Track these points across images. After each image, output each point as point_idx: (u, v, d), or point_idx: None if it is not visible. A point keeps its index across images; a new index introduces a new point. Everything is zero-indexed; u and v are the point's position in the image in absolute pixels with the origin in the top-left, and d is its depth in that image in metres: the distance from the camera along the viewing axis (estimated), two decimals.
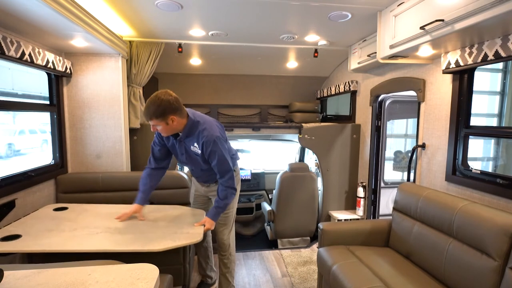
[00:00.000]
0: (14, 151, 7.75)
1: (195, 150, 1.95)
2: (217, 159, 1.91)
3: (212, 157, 1.91)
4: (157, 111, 1.73)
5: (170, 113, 1.77)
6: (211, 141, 1.87)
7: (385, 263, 2.02)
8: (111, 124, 2.88)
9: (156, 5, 2.19)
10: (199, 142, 1.91)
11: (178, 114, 1.81)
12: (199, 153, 1.95)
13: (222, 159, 1.93)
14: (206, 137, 1.87)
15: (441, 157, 2.26)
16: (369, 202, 3.28)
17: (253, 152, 5.42)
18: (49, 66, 2.37)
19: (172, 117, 1.78)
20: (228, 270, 2.33)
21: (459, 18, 1.56)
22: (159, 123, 1.78)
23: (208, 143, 1.87)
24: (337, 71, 4.12)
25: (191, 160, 2.04)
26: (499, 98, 3.80)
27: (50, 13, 1.75)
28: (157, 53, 3.10)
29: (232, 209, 2.28)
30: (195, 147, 1.95)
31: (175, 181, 2.86)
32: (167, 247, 1.61)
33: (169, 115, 1.77)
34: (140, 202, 2.02)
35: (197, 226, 1.88)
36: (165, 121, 1.78)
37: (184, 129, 1.90)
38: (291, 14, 2.38)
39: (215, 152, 1.89)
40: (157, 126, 1.81)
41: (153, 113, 1.74)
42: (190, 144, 1.96)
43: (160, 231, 1.77)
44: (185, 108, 1.90)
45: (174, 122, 1.81)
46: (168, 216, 2.03)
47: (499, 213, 1.58)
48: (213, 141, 1.87)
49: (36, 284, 0.95)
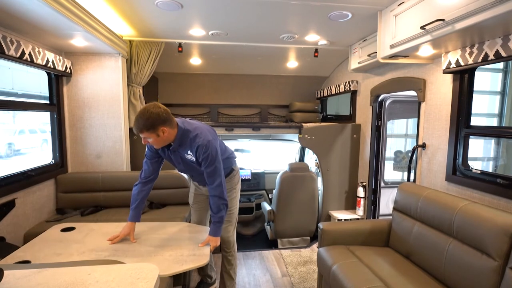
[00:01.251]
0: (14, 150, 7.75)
1: (190, 158, 1.96)
2: (208, 163, 1.90)
3: (204, 161, 1.91)
4: (147, 123, 1.74)
5: (160, 125, 1.77)
6: (203, 145, 1.88)
7: (385, 263, 2.02)
8: (111, 123, 2.88)
9: (156, 5, 2.19)
10: (192, 149, 1.92)
11: (168, 125, 1.82)
12: (194, 160, 1.95)
13: (213, 165, 1.92)
14: (199, 143, 1.88)
15: (441, 157, 2.26)
16: (369, 202, 3.28)
17: (253, 152, 5.42)
18: (49, 66, 2.36)
19: (162, 129, 1.79)
20: (232, 267, 2.34)
21: (460, 18, 1.56)
22: (150, 135, 1.78)
23: (201, 147, 1.88)
24: (337, 71, 4.11)
25: (189, 167, 2.05)
26: (500, 98, 3.80)
27: (50, 12, 1.75)
28: (157, 52, 3.10)
29: (236, 205, 2.31)
30: (189, 155, 1.95)
31: (175, 181, 2.87)
32: (175, 271, 1.60)
33: (159, 127, 1.77)
34: (132, 219, 2.01)
35: (202, 247, 1.86)
36: (155, 133, 1.78)
37: (175, 139, 1.90)
38: (292, 14, 2.37)
39: (207, 156, 1.89)
40: (148, 139, 1.81)
41: (143, 126, 1.75)
42: (184, 153, 1.97)
43: (167, 254, 1.75)
44: (174, 119, 1.90)
45: (165, 133, 1.81)
46: (171, 236, 2.01)
47: (499, 213, 1.57)
48: (205, 145, 1.88)
49: (36, 284, 0.95)
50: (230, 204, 2.24)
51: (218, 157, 1.94)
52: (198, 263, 1.70)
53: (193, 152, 1.92)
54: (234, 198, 2.29)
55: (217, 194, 1.96)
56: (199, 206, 2.38)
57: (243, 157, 5.05)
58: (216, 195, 1.96)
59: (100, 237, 1.93)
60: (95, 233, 1.98)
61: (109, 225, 2.14)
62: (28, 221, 2.28)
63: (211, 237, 1.93)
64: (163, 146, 1.92)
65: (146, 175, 2.07)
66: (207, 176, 1.95)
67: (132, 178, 2.81)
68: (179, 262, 1.67)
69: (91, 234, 1.96)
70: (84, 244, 1.84)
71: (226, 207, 2.00)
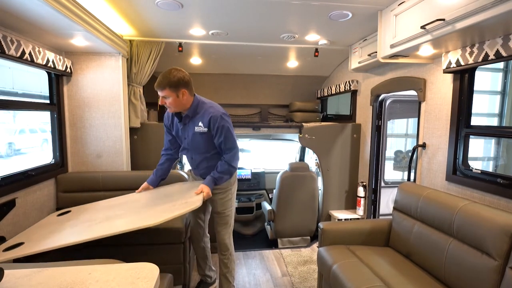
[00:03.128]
0: (15, 150, 7.75)
1: (200, 130, 2.02)
2: (224, 135, 1.98)
3: (219, 132, 1.97)
4: (171, 81, 1.87)
5: (182, 87, 1.90)
6: (218, 116, 1.96)
7: (385, 263, 2.02)
8: (111, 123, 2.88)
9: (157, 4, 2.19)
10: (204, 120, 1.99)
11: (189, 89, 1.95)
12: (205, 131, 2.00)
13: (229, 135, 2.00)
14: (213, 113, 1.97)
15: (441, 157, 2.26)
16: (369, 202, 3.28)
17: (254, 152, 5.42)
18: (49, 65, 2.36)
19: (183, 91, 1.91)
20: (228, 270, 2.32)
21: (460, 17, 1.56)
22: (170, 94, 1.89)
23: (215, 118, 1.96)
24: (338, 71, 4.11)
25: (194, 144, 2.09)
26: (500, 98, 3.80)
27: (50, 12, 1.74)
28: (158, 52, 3.10)
29: (230, 207, 2.28)
30: (199, 126, 2.01)
31: (174, 180, 2.86)
32: (165, 218, 1.58)
33: (181, 88, 1.90)
34: (148, 181, 2.27)
35: (195, 195, 1.94)
36: (176, 93, 1.89)
37: (191, 107, 2.01)
38: (292, 14, 2.37)
39: (222, 127, 1.96)
40: (167, 99, 1.91)
41: (167, 83, 1.87)
42: (194, 125, 2.03)
43: (159, 208, 1.77)
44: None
45: (184, 96, 1.93)
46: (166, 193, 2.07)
47: (500, 213, 1.57)
48: (220, 116, 1.97)
49: (37, 283, 0.95)
50: (224, 206, 2.23)
51: (231, 129, 2.02)
52: (189, 207, 1.73)
53: (205, 123, 2.00)
54: (229, 200, 2.25)
55: (230, 163, 2.04)
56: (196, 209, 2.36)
57: (243, 156, 5.05)
58: (229, 164, 2.05)
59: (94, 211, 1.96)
60: (89, 210, 2.02)
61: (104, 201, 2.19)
62: (28, 220, 2.28)
63: (204, 185, 2.00)
64: (177, 111, 2.02)
65: (165, 147, 2.31)
66: (223, 149, 2.04)
67: (132, 178, 2.82)
68: (170, 210, 1.69)
69: (85, 212, 2.00)
70: (77, 219, 1.86)
71: (231, 173, 2.10)
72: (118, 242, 2.32)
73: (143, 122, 3.19)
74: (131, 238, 2.31)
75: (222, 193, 2.21)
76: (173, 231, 2.35)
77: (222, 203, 2.23)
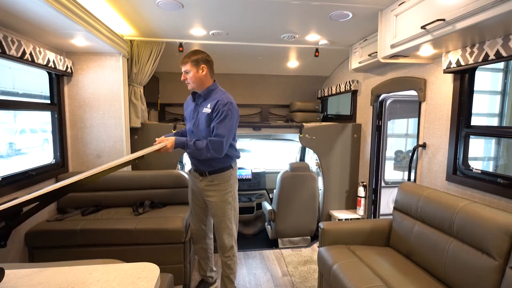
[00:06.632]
0: (15, 150, 7.76)
1: (206, 111, 2.06)
2: (221, 119, 1.99)
3: (218, 115, 2.00)
4: (195, 56, 2.02)
5: (204, 63, 2.05)
6: (225, 102, 2.01)
7: (385, 263, 2.02)
8: (111, 123, 2.88)
9: (157, 4, 2.19)
10: (212, 103, 2.04)
11: (209, 68, 2.09)
12: (208, 113, 2.04)
13: (226, 122, 2.00)
14: (222, 99, 2.03)
15: (441, 157, 2.26)
16: (370, 202, 3.28)
17: (254, 152, 5.42)
18: (49, 65, 2.37)
19: (203, 66, 2.05)
20: (231, 271, 2.28)
21: (460, 17, 1.56)
22: (192, 68, 2.02)
23: (222, 102, 2.01)
24: (338, 71, 4.11)
25: (198, 126, 2.12)
26: (500, 98, 3.79)
27: (51, 12, 1.75)
28: (158, 52, 3.10)
29: (231, 211, 2.21)
30: (207, 108, 2.06)
31: (175, 180, 2.87)
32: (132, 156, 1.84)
33: (202, 64, 2.04)
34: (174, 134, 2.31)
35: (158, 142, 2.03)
36: (196, 68, 2.03)
37: (207, 88, 2.10)
38: (292, 14, 2.37)
39: (223, 112, 1.99)
40: (188, 74, 2.03)
41: (190, 57, 2.02)
42: (203, 107, 2.09)
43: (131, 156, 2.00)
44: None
45: (204, 72, 2.05)
46: None
47: (500, 212, 1.58)
48: (227, 103, 2.02)
49: (37, 283, 0.95)
50: (222, 210, 2.18)
51: (231, 119, 2.03)
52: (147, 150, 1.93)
53: (212, 105, 2.04)
54: (228, 203, 2.19)
55: (211, 146, 1.99)
56: (197, 209, 2.34)
57: (243, 156, 5.05)
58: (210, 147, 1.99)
59: None
60: None
61: None
62: (29, 220, 2.28)
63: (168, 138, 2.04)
64: (195, 88, 2.10)
65: None
66: (214, 133, 2.01)
67: (132, 178, 2.82)
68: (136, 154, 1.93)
69: None
70: None
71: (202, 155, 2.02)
72: (118, 242, 2.34)
73: (143, 122, 3.19)
74: (132, 238, 2.33)
75: (218, 196, 2.15)
76: (173, 231, 2.35)
77: (219, 206, 2.17)
